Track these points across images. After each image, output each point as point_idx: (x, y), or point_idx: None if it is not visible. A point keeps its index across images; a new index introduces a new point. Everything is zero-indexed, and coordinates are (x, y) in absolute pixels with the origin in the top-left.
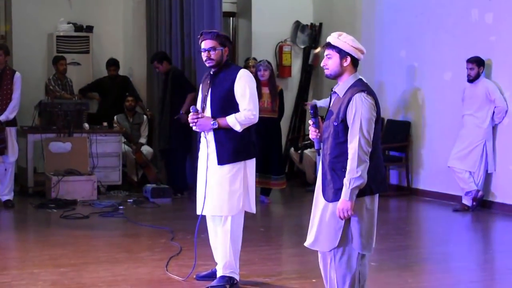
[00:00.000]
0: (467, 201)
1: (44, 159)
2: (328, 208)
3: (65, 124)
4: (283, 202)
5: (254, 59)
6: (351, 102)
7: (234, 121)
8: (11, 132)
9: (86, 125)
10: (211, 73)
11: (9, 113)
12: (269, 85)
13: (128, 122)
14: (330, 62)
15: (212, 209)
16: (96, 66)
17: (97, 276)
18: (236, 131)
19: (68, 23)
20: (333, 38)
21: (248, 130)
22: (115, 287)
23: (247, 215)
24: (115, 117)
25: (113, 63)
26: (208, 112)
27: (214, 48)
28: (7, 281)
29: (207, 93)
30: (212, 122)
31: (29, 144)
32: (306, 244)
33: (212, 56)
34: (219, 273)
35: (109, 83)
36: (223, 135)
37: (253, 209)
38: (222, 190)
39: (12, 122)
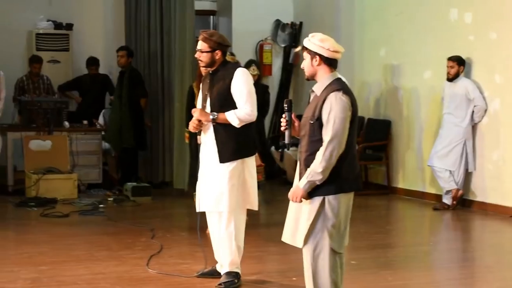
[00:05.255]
0: (447, 200)
1: (24, 157)
2: (303, 204)
3: (45, 122)
4: (264, 201)
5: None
6: (326, 101)
7: (233, 116)
8: None
9: (66, 124)
10: (210, 72)
11: None
12: None
13: None
14: (305, 64)
15: (209, 206)
16: (76, 64)
17: (77, 274)
18: (236, 129)
19: (48, 20)
20: (305, 40)
21: (248, 127)
22: (95, 285)
23: None
24: (102, 112)
25: (93, 62)
26: (208, 111)
27: (202, 51)
28: None
29: (207, 92)
30: (211, 114)
31: (9, 142)
32: (282, 238)
33: (201, 58)
34: (225, 269)
35: (89, 81)
36: (223, 134)
37: (254, 206)
38: (219, 187)
39: None
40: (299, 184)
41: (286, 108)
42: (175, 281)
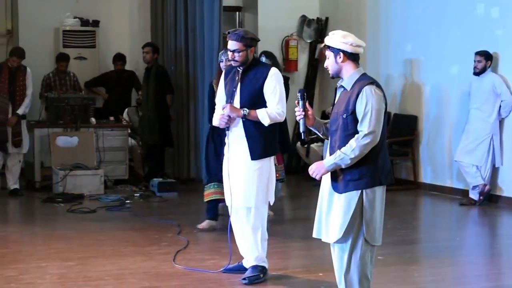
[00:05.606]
0: (474, 196)
1: (51, 153)
2: (336, 199)
3: (72, 118)
4: (290, 196)
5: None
6: (360, 94)
7: (265, 115)
8: (23, 125)
9: (93, 120)
10: (239, 69)
11: (26, 108)
12: None
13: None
14: (328, 62)
15: (238, 201)
16: (102, 61)
17: (104, 269)
18: (265, 127)
19: (74, 17)
20: (327, 38)
21: (275, 125)
22: (122, 281)
23: None
24: (126, 110)
25: (120, 58)
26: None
27: (238, 50)
28: (15, 275)
29: (235, 89)
30: (243, 110)
31: (36, 138)
32: (314, 235)
33: (236, 58)
34: (250, 264)
35: (116, 77)
36: (254, 131)
37: (271, 200)
38: (249, 183)
39: (22, 115)
40: (324, 162)
41: (299, 97)
42: (201, 276)
